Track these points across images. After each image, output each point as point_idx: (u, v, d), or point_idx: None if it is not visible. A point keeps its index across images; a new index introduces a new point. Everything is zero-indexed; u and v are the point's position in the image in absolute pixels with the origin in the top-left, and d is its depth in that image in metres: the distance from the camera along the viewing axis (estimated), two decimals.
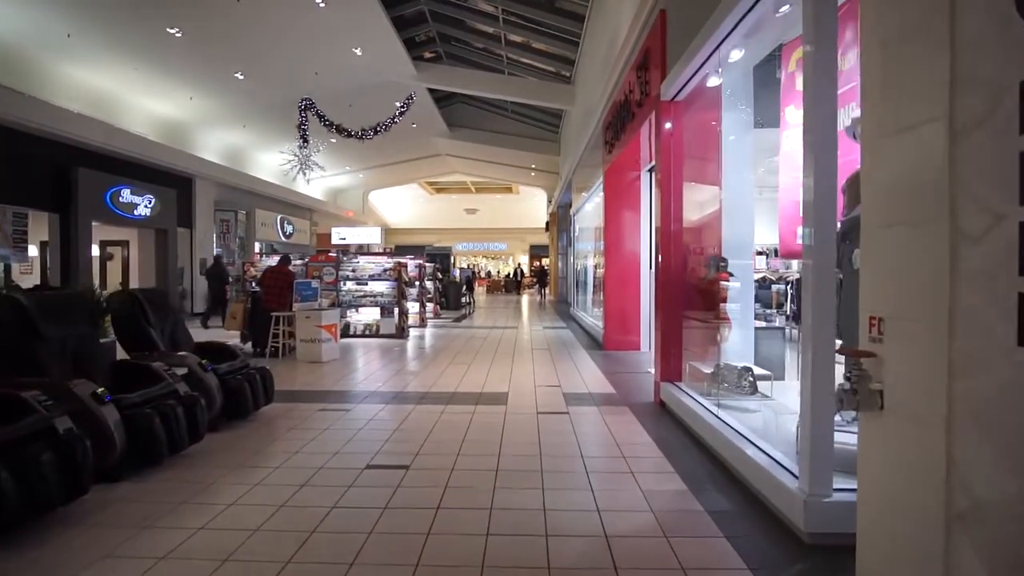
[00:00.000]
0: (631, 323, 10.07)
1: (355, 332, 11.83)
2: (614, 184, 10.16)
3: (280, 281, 9.26)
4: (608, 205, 10.20)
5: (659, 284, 6.47)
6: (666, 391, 5.93)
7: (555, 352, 9.90)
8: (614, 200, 10.16)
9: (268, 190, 20.89)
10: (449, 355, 9.59)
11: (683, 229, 6.18)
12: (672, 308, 6.13)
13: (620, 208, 10.14)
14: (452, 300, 19.88)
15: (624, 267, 10.10)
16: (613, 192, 10.17)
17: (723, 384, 5.09)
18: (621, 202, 10.13)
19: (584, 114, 14.48)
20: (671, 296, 6.14)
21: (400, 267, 11.77)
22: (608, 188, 10.22)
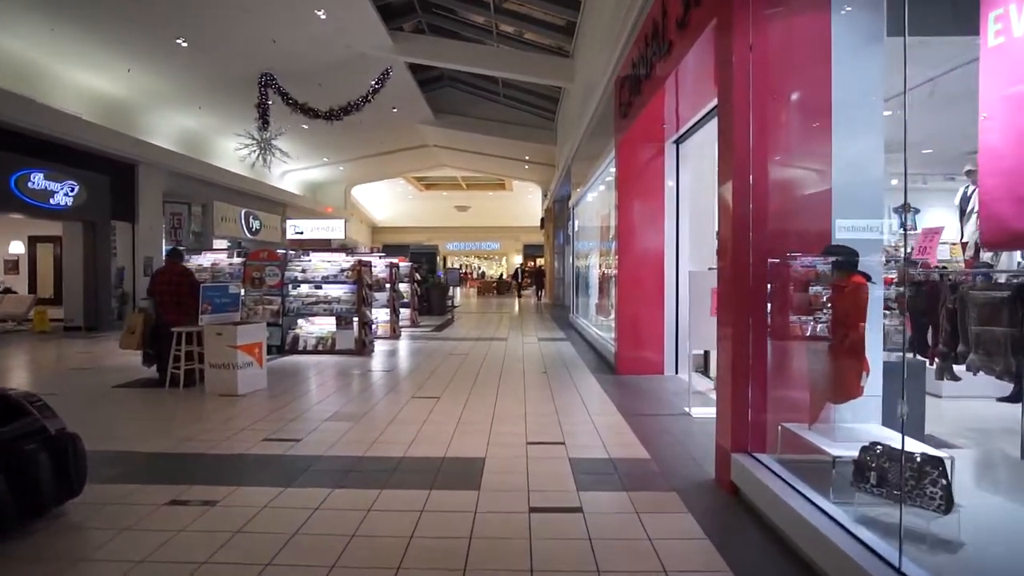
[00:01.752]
0: (651, 338, 7.71)
1: (305, 347, 9.43)
2: (630, 161, 7.80)
3: (175, 285, 6.83)
4: (622, 188, 7.83)
5: (724, 293, 4.10)
6: (742, 470, 3.55)
7: (554, 378, 7.52)
8: (630, 182, 7.80)
9: (232, 181, 18.44)
10: (415, 382, 7.20)
11: (766, 204, 3.81)
12: (747, 330, 3.76)
13: (637, 191, 7.77)
14: (436, 305, 17.49)
15: (642, 267, 7.74)
16: (628, 171, 7.81)
17: (874, 483, 2.72)
18: (639, 184, 7.77)
19: (586, 89, 12.13)
20: (745, 311, 3.77)
21: (360, 267, 9.37)
22: (622, 166, 7.85)
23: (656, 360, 7.68)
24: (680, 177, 7.72)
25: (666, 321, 7.68)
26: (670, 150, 7.71)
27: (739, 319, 3.76)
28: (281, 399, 6.26)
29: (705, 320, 5.64)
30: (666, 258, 7.69)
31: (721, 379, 4.09)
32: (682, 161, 7.71)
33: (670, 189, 7.70)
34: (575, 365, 8.49)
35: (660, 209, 7.70)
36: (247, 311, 9.34)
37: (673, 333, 7.69)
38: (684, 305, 7.72)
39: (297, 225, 10.82)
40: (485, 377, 7.48)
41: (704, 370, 7.24)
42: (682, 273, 7.72)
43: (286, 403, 6.07)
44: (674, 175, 7.72)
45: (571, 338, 11.81)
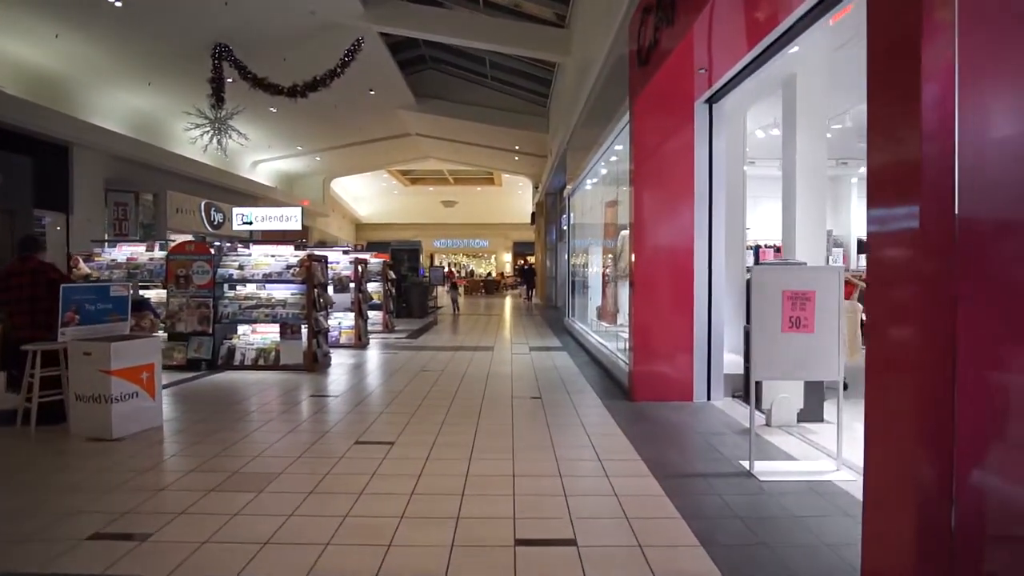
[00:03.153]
0: (676, 354, 5.91)
1: (243, 361, 7.55)
2: (649, 128, 5.99)
3: (29, 286, 4.94)
4: (639, 165, 6.01)
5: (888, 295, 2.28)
6: None
7: (551, 406, 5.70)
8: (649, 156, 5.98)
9: (190, 169, 16.43)
10: (367, 415, 5.36)
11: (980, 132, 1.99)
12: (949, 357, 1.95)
13: (659, 168, 5.97)
14: (416, 306, 15.62)
15: (665, 263, 5.94)
16: (647, 142, 5.99)
17: None
18: (661, 159, 5.96)
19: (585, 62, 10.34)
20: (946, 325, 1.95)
21: (310, 263, 7.49)
22: (639, 136, 6.03)
23: (683, 382, 5.89)
24: (714, 148, 5.93)
25: (696, 332, 5.89)
26: (701, 113, 5.92)
27: (930, 337, 1.95)
28: (170, 446, 4.39)
29: (775, 337, 3.86)
30: (696, 251, 5.89)
31: (876, 441, 2.27)
32: (718, 127, 5.93)
33: (701, 163, 5.91)
34: (576, 386, 6.68)
35: (688, 190, 5.91)
36: (170, 320, 7.45)
37: (705, 347, 5.90)
38: (720, 311, 5.95)
39: (244, 214, 9.06)
40: (461, 406, 5.65)
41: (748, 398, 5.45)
42: (716, 270, 5.94)
43: (172, 454, 4.21)
44: (706, 145, 5.93)
45: (568, 347, 10.00)
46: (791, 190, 5.52)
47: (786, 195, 5.68)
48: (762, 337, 3.89)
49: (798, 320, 3.87)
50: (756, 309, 3.89)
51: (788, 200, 5.56)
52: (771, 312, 3.88)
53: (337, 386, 6.68)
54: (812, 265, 4.51)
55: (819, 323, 3.86)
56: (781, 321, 3.86)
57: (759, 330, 3.89)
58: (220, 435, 4.67)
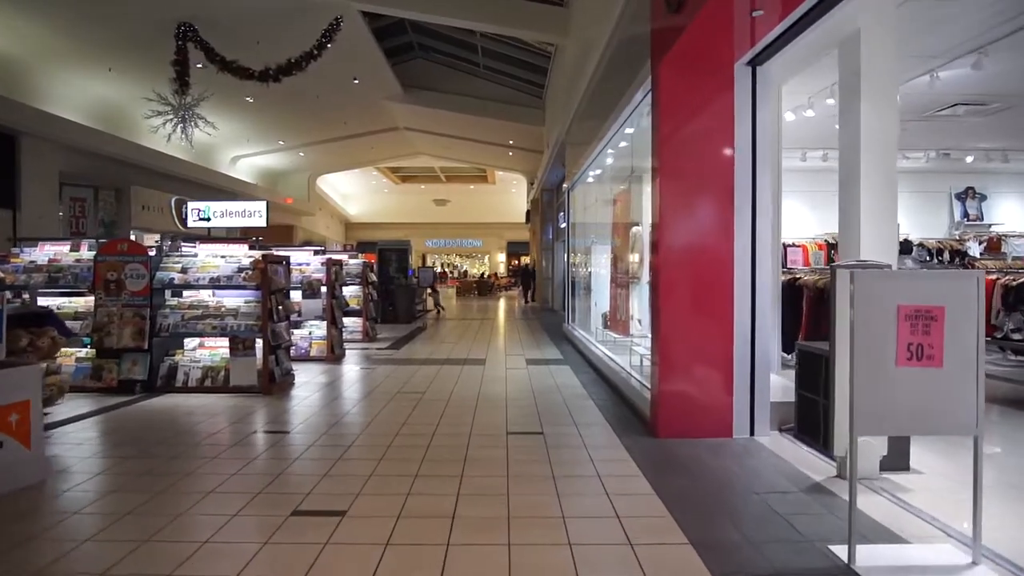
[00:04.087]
0: (712, 378, 4.68)
1: (185, 382, 6.28)
2: (678, 98, 4.73)
3: None
4: (664, 144, 4.75)
5: None
6: None
7: (557, 450, 4.46)
8: (676, 132, 4.74)
9: (159, 163, 15.08)
10: (318, 463, 4.10)
11: None
12: None
13: (689, 148, 4.73)
14: (403, 311, 14.36)
15: (697, 264, 4.71)
16: (677, 114, 4.74)
17: None
18: (691, 135, 4.72)
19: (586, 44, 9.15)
20: None
21: (265, 265, 6.23)
22: (666, 106, 4.76)
23: (721, 413, 4.67)
24: (759, 123, 4.72)
25: (736, 350, 4.67)
26: (743, 79, 4.70)
27: None
28: (26, 523, 3.13)
29: (886, 374, 2.65)
30: (736, 250, 4.67)
31: None
32: (762, 97, 4.72)
33: (743, 142, 4.69)
34: (584, 414, 5.45)
35: (726, 174, 4.69)
36: (97, 333, 6.18)
37: (747, 369, 4.69)
38: (765, 323, 4.74)
39: (201, 208, 7.80)
40: (443, 448, 4.41)
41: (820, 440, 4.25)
42: (761, 274, 4.73)
43: (20, 539, 2.95)
44: (748, 119, 4.71)
45: (569, 359, 8.77)
46: (852, 175, 4.36)
47: (845, 182, 4.50)
48: (867, 373, 2.68)
49: (920, 349, 2.66)
50: (860, 332, 2.68)
51: (849, 188, 4.39)
52: (879, 337, 2.67)
53: (293, 415, 5.43)
54: (940, 270, 3.29)
55: (950, 354, 2.65)
56: (896, 350, 2.65)
57: (863, 363, 2.68)
58: (110, 501, 3.41)
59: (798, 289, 6.31)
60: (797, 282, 6.31)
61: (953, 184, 11.48)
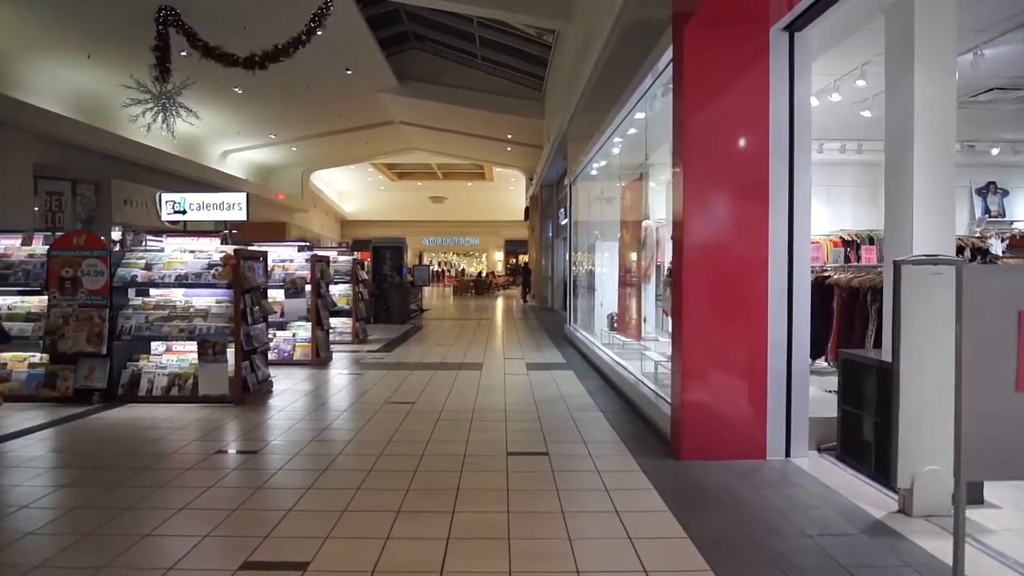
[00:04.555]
0: (743, 391, 4.05)
1: (150, 391, 5.64)
2: (707, 67, 4.07)
3: None
4: (690, 117, 4.08)
5: None
6: None
7: (565, 475, 3.82)
8: (705, 106, 4.08)
9: (143, 156, 14.43)
10: (281, 498, 3.46)
11: None
12: None
13: (720, 125, 4.08)
14: (397, 311, 13.72)
15: (726, 262, 4.07)
16: (704, 86, 4.07)
17: None
18: (722, 113, 4.07)
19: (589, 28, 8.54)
20: None
21: (237, 261, 5.58)
22: (691, 78, 4.08)
23: (754, 431, 4.04)
24: (797, 98, 4.09)
25: (771, 359, 4.05)
26: (779, 46, 4.07)
27: None
28: None
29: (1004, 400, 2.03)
30: (771, 249, 4.04)
31: None
32: (801, 67, 4.09)
33: (779, 120, 4.06)
34: (594, 429, 4.82)
35: (761, 158, 4.06)
36: (50, 336, 5.53)
37: (783, 381, 4.06)
38: (803, 329, 4.12)
39: (176, 200, 7.19)
40: (431, 474, 3.78)
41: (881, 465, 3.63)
42: (799, 273, 4.11)
43: None
44: (785, 93, 4.08)
45: (572, 363, 8.15)
46: (903, 160, 3.77)
47: (895, 168, 3.90)
48: (976, 399, 2.05)
49: None
50: (969, 346, 2.05)
51: (899, 175, 3.79)
52: (993, 352, 2.05)
53: (265, 431, 4.79)
54: None
55: None
56: (1018, 371, 2.03)
57: (973, 387, 2.05)
58: (18, 549, 2.77)
59: (827, 289, 5.69)
60: (826, 281, 5.69)
61: (974, 179, 10.89)
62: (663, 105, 5.93)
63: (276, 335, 7.87)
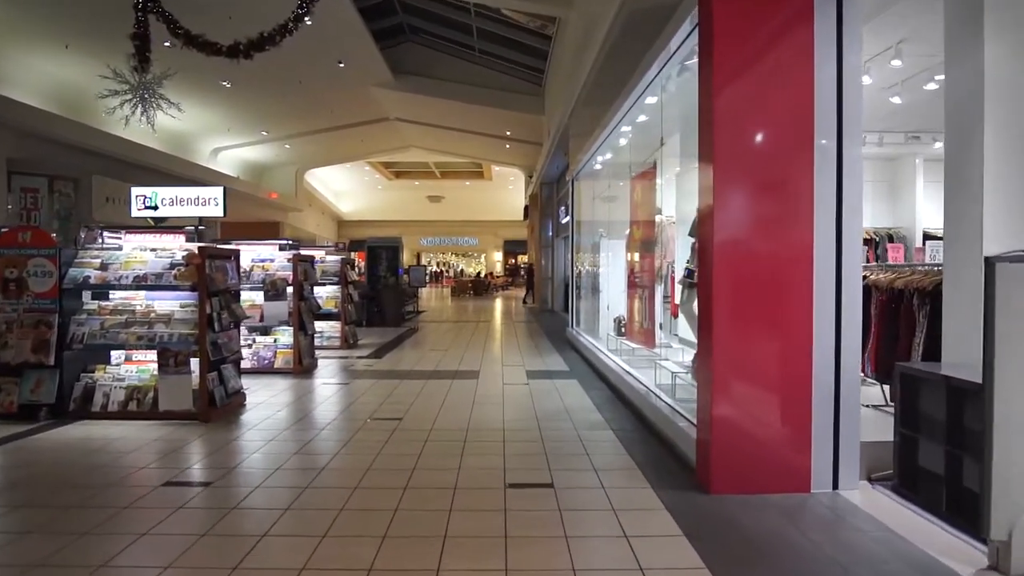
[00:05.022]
0: (785, 413, 3.43)
1: (105, 406, 5.00)
2: (740, 34, 3.45)
3: None
4: (720, 92, 3.45)
5: None
6: None
7: (574, 515, 3.19)
8: (736, 79, 3.45)
9: (128, 152, 13.81)
10: (228, 550, 2.83)
11: None
12: None
13: (755, 103, 3.45)
14: (391, 313, 13.09)
15: (764, 261, 3.45)
16: (737, 55, 3.44)
17: None
18: (757, 89, 3.44)
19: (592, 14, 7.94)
20: None
21: (201, 260, 4.94)
22: (722, 46, 3.43)
23: (796, 459, 3.41)
24: (846, 70, 3.45)
25: (816, 375, 3.42)
26: (825, 10, 3.43)
27: None
28: None
29: None
30: (817, 247, 3.41)
31: None
32: (850, 34, 3.45)
33: (825, 96, 3.43)
34: (605, 453, 4.18)
35: (804, 143, 3.43)
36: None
37: (830, 400, 3.43)
38: (853, 340, 3.50)
39: (147, 195, 6.58)
40: (413, 517, 3.14)
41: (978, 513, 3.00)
42: (848, 274, 3.48)
43: None
44: (833, 65, 3.44)
45: (576, 370, 7.52)
46: (969, 143, 3.19)
47: (957, 154, 3.33)
48: None
49: None
50: None
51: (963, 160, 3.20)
52: None
53: (227, 455, 4.15)
54: None
55: None
56: None
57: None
58: None
59: (864, 291, 5.05)
60: (863, 282, 5.06)
61: None
62: (679, 87, 5.31)
63: (256, 341, 7.24)
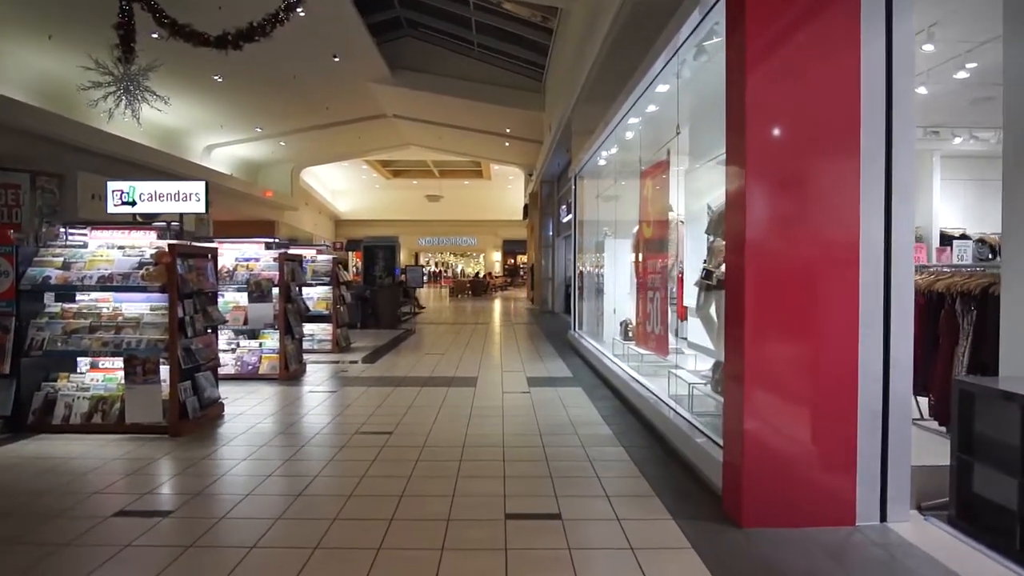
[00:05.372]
0: (824, 431, 2.99)
1: (67, 418, 4.55)
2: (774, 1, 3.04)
3: None
4: (755, 67, 3.01)
5: None
6: None
7: (585, 557, 2.74)
8: (771, 54, 3.02)
9: (116, 148, 13.34)
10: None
11: None
12: None
13: (790, 81, 3.02)
14: (387, 315, 12.63)
15: (802, 263, 3.01)
16: (772, 26, 3.01)
17: None
18: (793, 64, 3.01)
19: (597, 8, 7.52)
20: None
21: (172, 259, 4.50)
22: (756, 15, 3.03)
23: (839, 487, 2.97)
24: (896, 43, 3.01)
25: (862, 392, 2.98)
26: None
27: None
28: None
29: None
30: (863, 248, 2.97)
31: None
32: (900, 4, 3.01)
33: (872, 72, 2.98)
34: (619, 478, 3.73)
35: (848, 127, 2.98)
36: None
37: (876, 419, 2.99)
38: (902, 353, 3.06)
39: (125, 189, 6.14)
40: (396, 560, 2.70)
41: None
42: (898, 275, 3.03)
43: None
44: (881, 37, 3.00)
45: (580, 376, 7.08)
46: None
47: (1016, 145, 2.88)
48: None
49: None
50: None
51: None
52: None
53: (189, 479, 3.69)
54: None
55: None
56: None
57: None
58: None
59: None
60: None
61: None
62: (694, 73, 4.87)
63: (241, 345, 6.79)
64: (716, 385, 3.94)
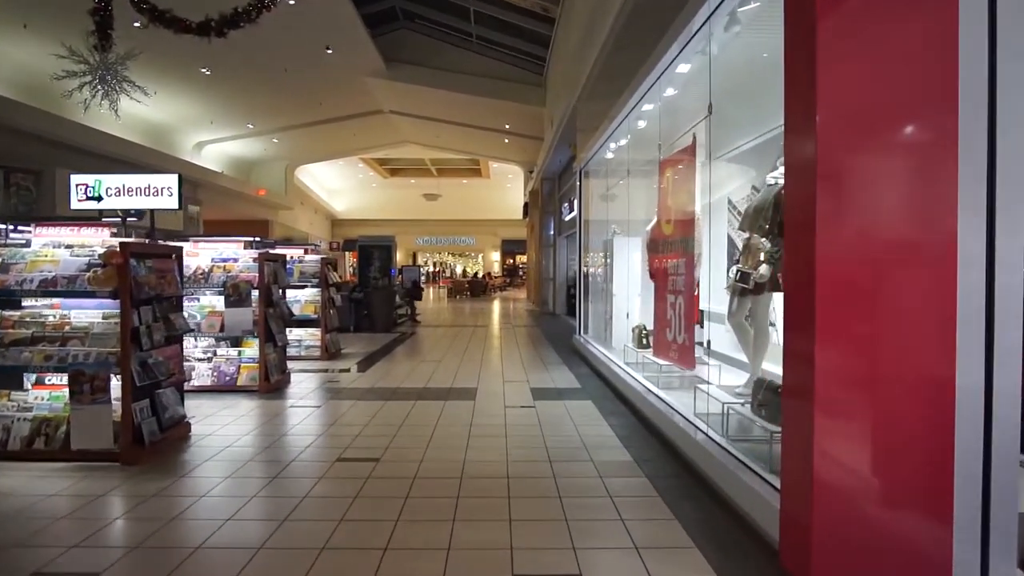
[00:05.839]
0: (911, 475, 2.38)
1: (6, 443, 3.93)
2: None
3: None
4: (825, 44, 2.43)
5: None
6: None
7: None
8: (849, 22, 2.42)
9: (99, 144, 12.69)
10: None
11: None
12: None
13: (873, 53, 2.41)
14: (381, 318, 12.00)
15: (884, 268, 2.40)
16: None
17: None
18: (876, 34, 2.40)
19: None
20: None
21: (123, 259, 3.87)
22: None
23: (932, 537, 2.36)
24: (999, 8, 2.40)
25: (960, 428, 2.37)
26: None
27: None
28: None
29: None
30: (962, 251, 2.35)
31: None
32: None
33: (972, 43, 2.37)
34: (647, 523, 3.12)
35: (945, 99, 2.37)
36: None
37: (976, 462, 2.38)
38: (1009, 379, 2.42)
39: (90, 184, 5.55)
40: None
41: None
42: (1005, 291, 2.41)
43: None
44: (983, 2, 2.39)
45: (589, 387, 6.47)
46: None
47: None
48: None
49: None
50: None
51: None
52: None
53: (137, 524, 3.07)
54: None
55: None
56: None
57: None
58: None
59: None
60: None
61: None
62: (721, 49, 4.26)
63: (217, 354, 6.17)
64: (759, 409, 3.33)
